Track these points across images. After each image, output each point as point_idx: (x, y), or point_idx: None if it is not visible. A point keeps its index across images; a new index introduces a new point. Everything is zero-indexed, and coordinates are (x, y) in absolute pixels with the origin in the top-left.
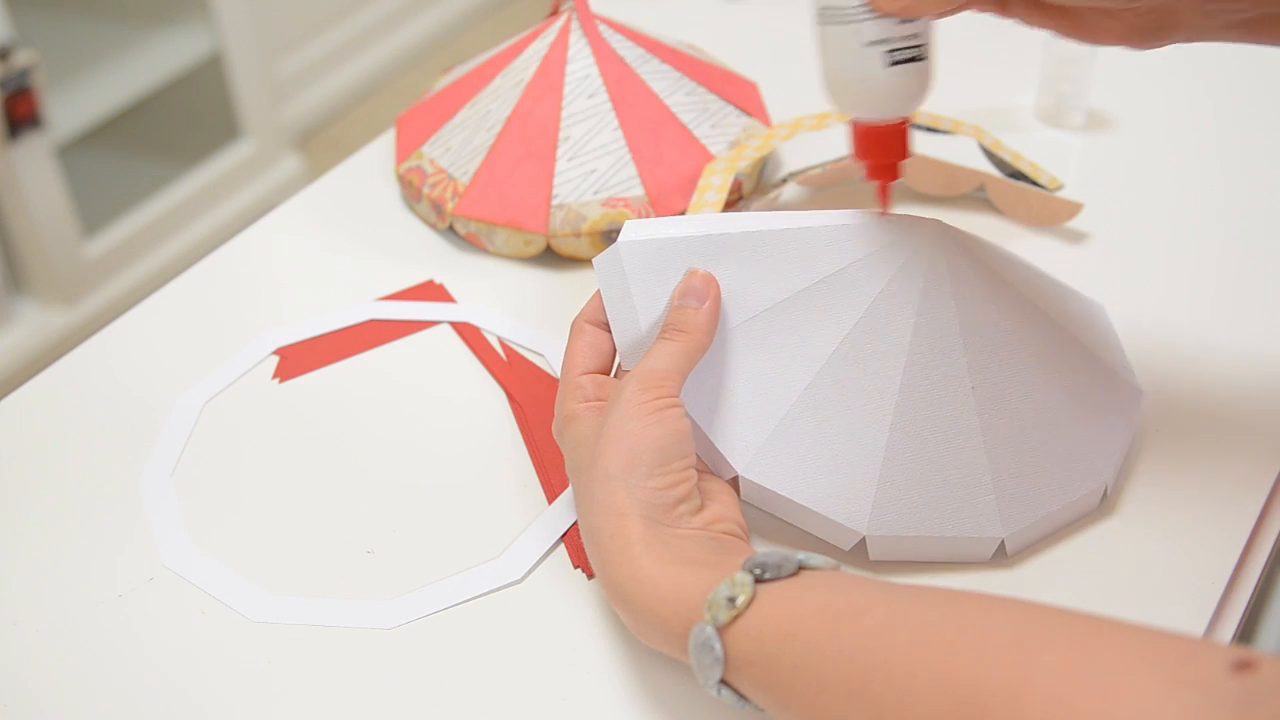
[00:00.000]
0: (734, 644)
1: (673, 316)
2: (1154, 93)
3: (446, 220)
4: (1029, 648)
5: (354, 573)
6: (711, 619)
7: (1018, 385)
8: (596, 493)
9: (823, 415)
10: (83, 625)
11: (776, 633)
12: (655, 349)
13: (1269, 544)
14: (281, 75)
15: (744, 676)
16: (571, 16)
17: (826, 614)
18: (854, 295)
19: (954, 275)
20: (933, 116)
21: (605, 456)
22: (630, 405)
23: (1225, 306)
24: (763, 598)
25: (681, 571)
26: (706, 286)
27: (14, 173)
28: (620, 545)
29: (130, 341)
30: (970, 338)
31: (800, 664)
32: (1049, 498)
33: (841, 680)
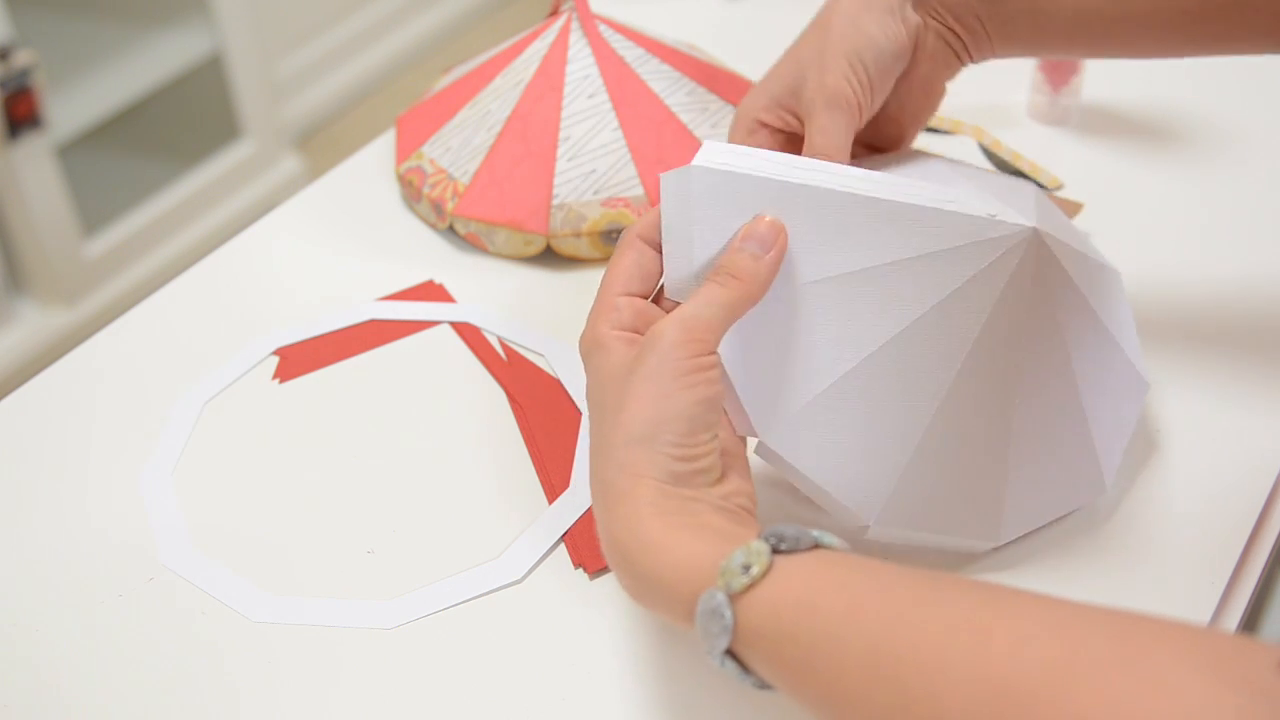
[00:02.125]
0: (745, 613)
1: (729, 259)
2: (1146, 90)
3: (446, 220)
4: (1071, 640)
5: (354, 573)
6: (724, 585)
7: (1055, 393)
8: (615, 448)
9: (861, 402)
10: (83, 625)
11: (794, 606)
12: (703, 292)
13: (1269, 543)
14: (281, 75)
15: (754, 649)
16: (571, 16)
17: (848, 591)
18: (926, 287)
19: (1034, 287)
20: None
21: (631, 412)
22: (667, 358)
23: (1225, 306)
24: (779, 569)
25: (694, 538)
26: (775, 235)
27: (14, 173)
28: (630, 507)
29: (130, 341)
30: (1030, 348)
31: (818, 642)
32: (1054, 506)
33: (865, 663)
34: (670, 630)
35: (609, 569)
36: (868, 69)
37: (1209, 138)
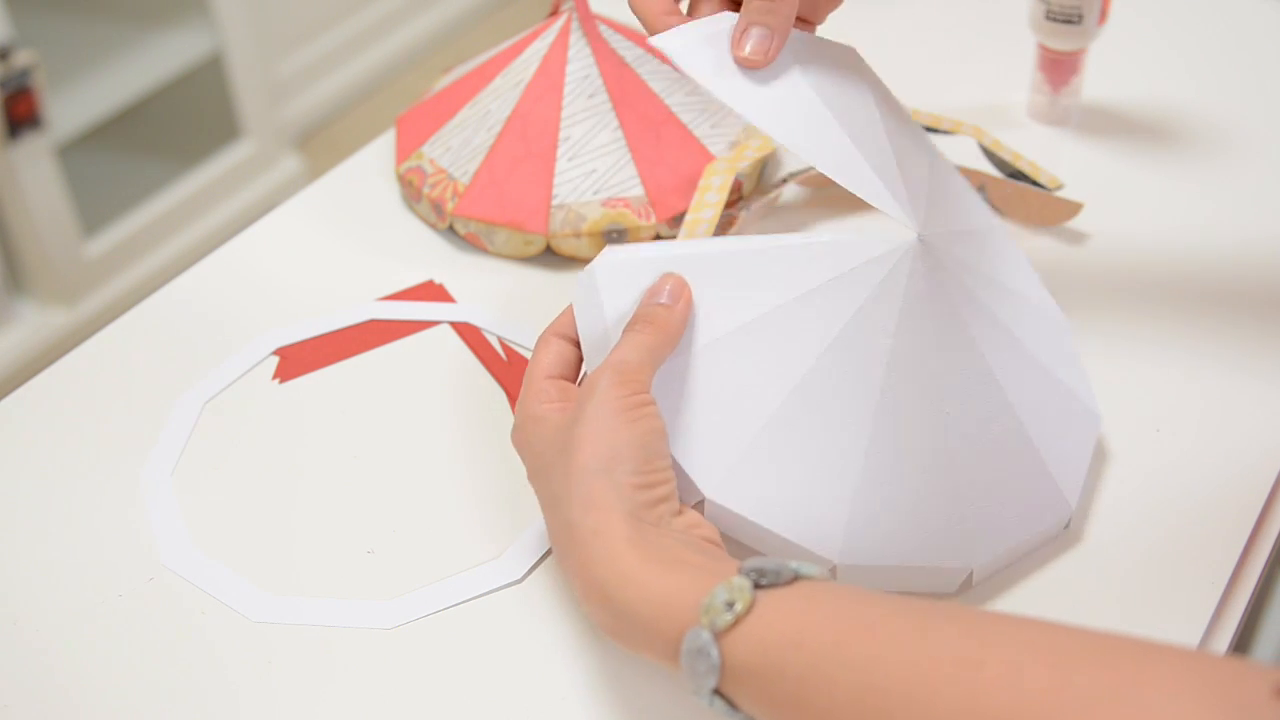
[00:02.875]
0: (731, 651)
1: (642, 310)
2: (1146, 90)
3: (446, 220)
4: (1063, 670)
5: (354, 573)
6: (709, 624)
7: (990, 411)
8: (574, 488)
9: (796, 438)
10: (83, 625)
11: (780, 642)
12: (625, 340)
13: (1269, 544)
14: (281, 75)
15: (742, 687)
16: (571, 16)
17: (835, 625)
18: (829, 314)
19: (932, 295)
20: (933, 116)
21: (584, 452)
22: (606, 400)
23: (1225, 306)
24: (762, 604)
25: (670, 572)
26: (679, 289)
27: (14, 173)
28: (605, 542)
29: (130, 341)
30: (947, 362)
31: (807, 678)
32: (1017, 526)
33: (854, 698)
34: None
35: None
36: None
37: (1209, 138)
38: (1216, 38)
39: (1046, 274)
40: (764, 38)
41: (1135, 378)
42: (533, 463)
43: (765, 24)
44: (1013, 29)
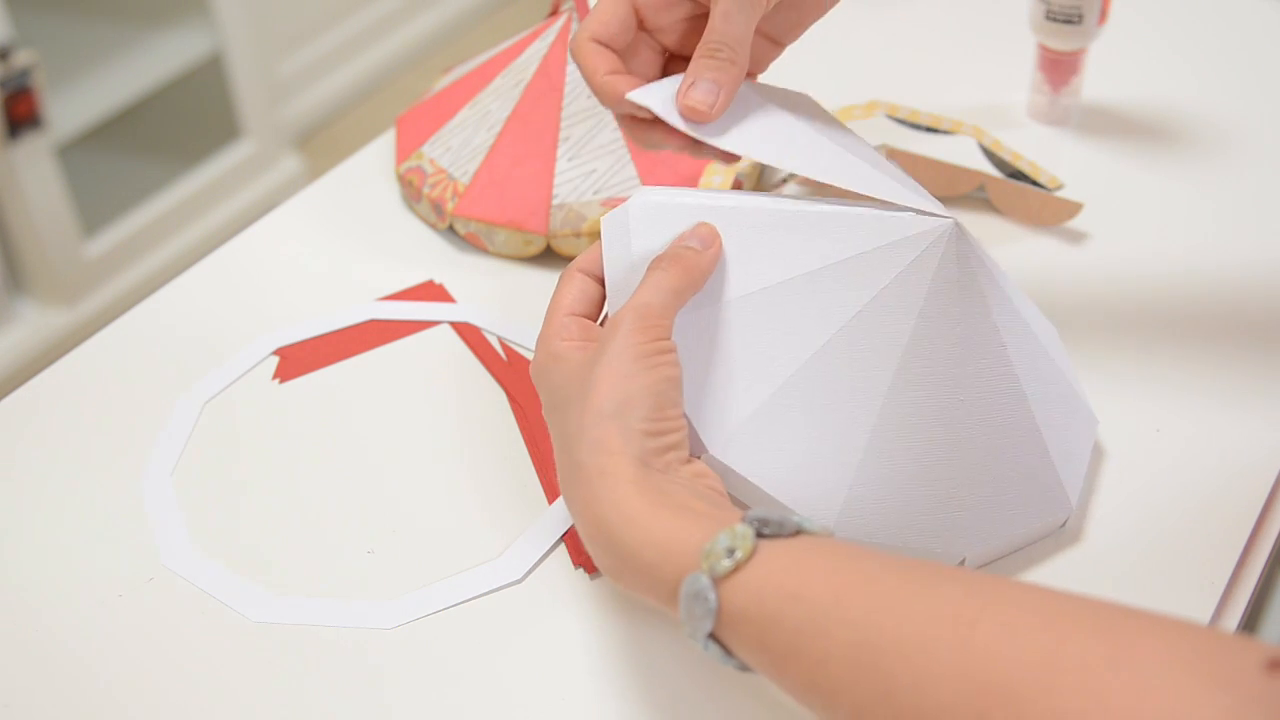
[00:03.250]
0: (730, 597)
1: (671, 250)
2: (1146, 90)
3: (446, 220)
4: (1059, 633)
5: (354, 573)
6: (709, 569)
7: (1004, 402)
8: (587, 429)
9: (805, 406)
10: (83, 625)
11: (779, 591)
12: (649, 280)
13: (1269, 543)
14: (281, 75)
15: (738, 634)
16: (571, 16)
17: (833, 579)
18: (855, 287)
19: (961, 281)
20: (933, 116)
21: (599, 394)
22: (626, 345)
23: (1225, 306)
24: (763, 553)
25: (675, 517)
26: (711, 237)
27: (14, 173)
28: (610, 483)
29: (130, 341)
30: (967, 349)
31: (804, 628)
32: (1015, 519)
33: (849, 652)
34: (670, 630)
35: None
36: None
37: (1209, 138)
38: (1216, 38)
39: (1046, 274)
40: (710, 90)
41: (1135, 378)
42: (549, 398)
43: (713, 79)
44: (1013, 29)
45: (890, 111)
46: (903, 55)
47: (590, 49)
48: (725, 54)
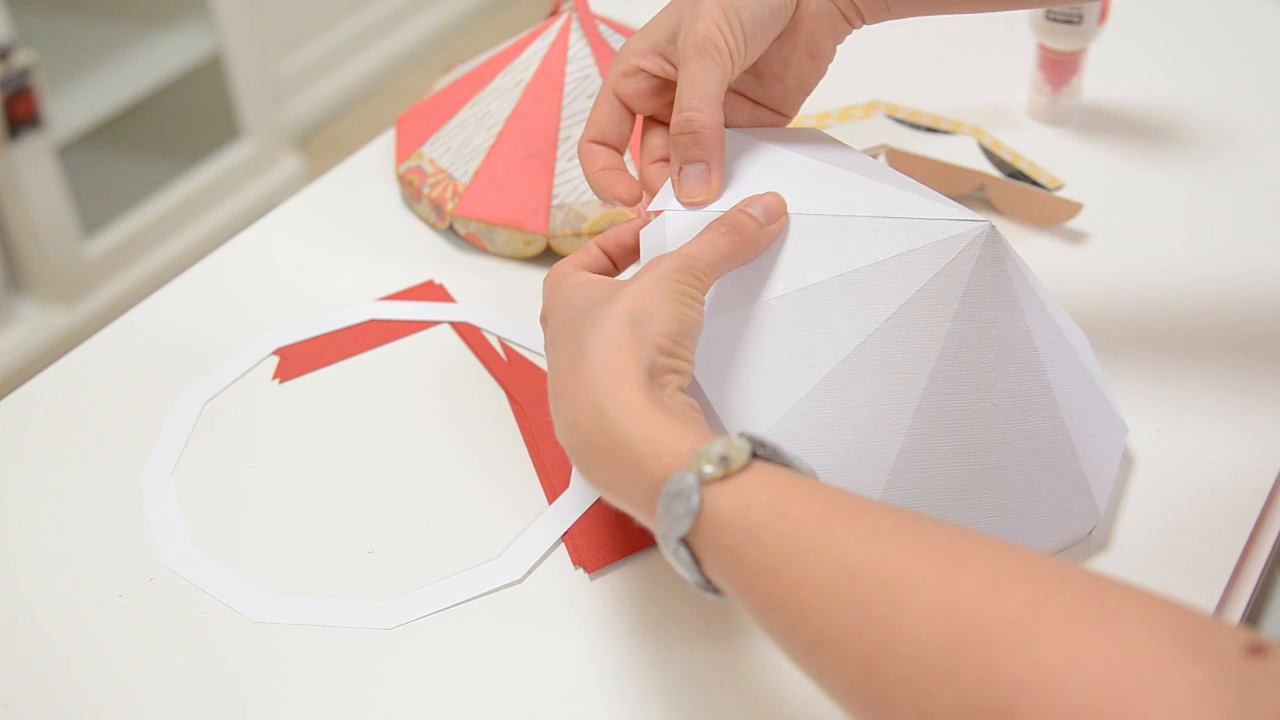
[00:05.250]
0: (714, 503)
1: (735, 215)
2: (1146, 90)
3: (446, 220)
4: (1043, 587)
5: (354, 573)
6: (697, 470)
7: (1036, 409)
8: (602, 324)
9: (838, 409)
10: (83, 625)
11: (765, 506)
12: (704, 237)
13: (1269, 543)
14: (281, 75)
15: (714, 543)
16: (571, 16)
17: (820, 505)
18: (893, 290)
19: (996, 284)
20: (933, 116)
21: (623, 301)
22: (663, 275)
23: (1225, 306)
24: (755, 469)
25: (670, 418)
26: (780, 209)
27: (14, 173)
28: (612, 372)
29: (130, 341)
30: (1001, 353)
31: (783, 548)
32: (1044, 527)
33: (828, 579)
34: (670, 631)
35: (584, 477)
36: (741, 20)
37: (1209, 138)
38: (1216, 38)
39: (1046, 274)
40: (700, 174)
41: (1135, 378)
42: (560, 311)
43: (696, 158)
44: (1013, 29)
45: (890, 111)
46: (903, 55)
47: (587, 149)
48: (695, 121)
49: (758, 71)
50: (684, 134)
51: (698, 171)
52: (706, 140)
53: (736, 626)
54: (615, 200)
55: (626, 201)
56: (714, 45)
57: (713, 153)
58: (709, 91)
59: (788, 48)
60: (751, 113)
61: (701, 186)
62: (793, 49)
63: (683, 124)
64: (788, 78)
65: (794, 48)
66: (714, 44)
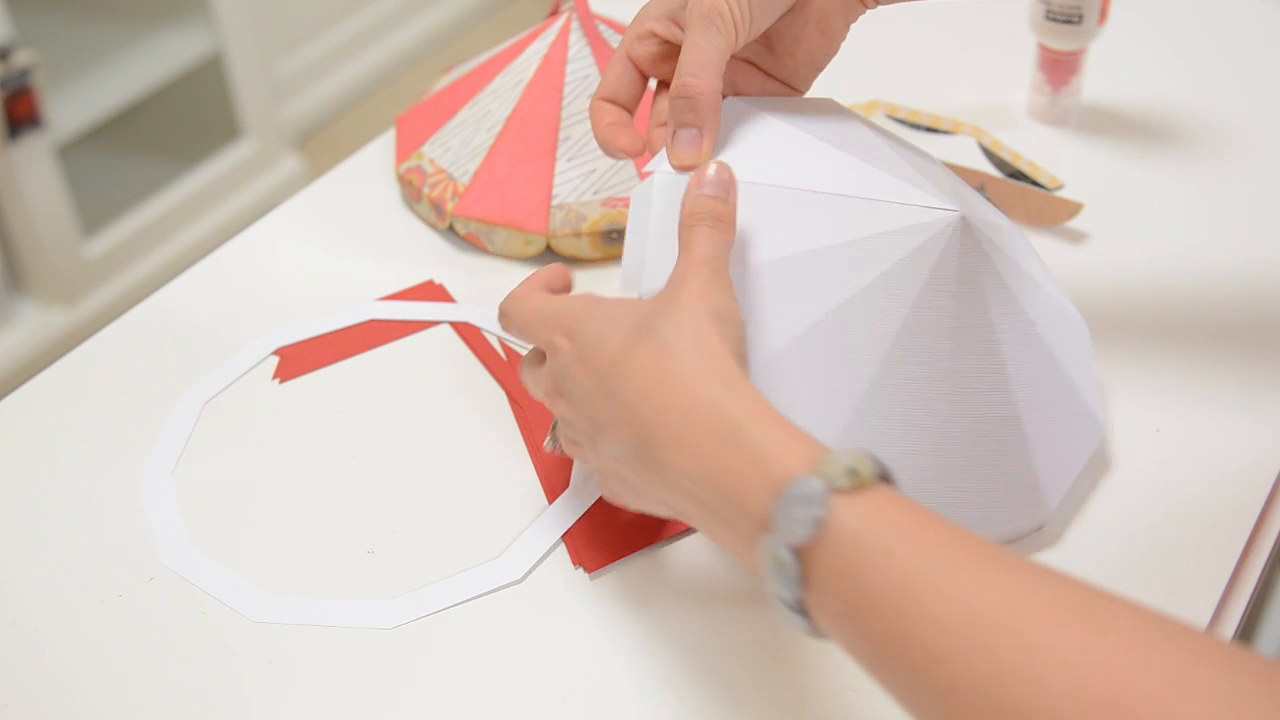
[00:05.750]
0: (840, 515)
1: (704, 203)
2: (1146, 90)
3: (446, 220)
4: (1186, 659)
5: (354, 573)
6: (826, 477)
7: (991, 402)
8: (684, 323)
9: (789, 382)
10: (83, 625)
11: (894, 529)
12: (700, 237)
13: (1269, 543)
14: (281, 75)
15: (833, 559)
16: (571, 16)
17: (953, 536)
18: (855, 271)
19: (961, 277)
20: (933, 116)
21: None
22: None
23: (1225, 306)
24: (882, 488)
25: (786, 422)
26: (729, 183)
27: (14, 173)
28: (719, 367)
29: (130, 341)
30: (959, 344)
31: (912, 578)
32: (989, 518)
33: (960, 619)
34: (670, 630)
35: (659, 462)
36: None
37: (1209, 138)
38: (1216, 38)
39: None
40: (692, 139)
41: (1135, 377)
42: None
43: (689, 123)
44: (1013, 29)
45: (890, 111)
46: (903, 55)
47: (597, 105)
48: (692, 87)
49: (770, 44)
50: (680, 98)
51: (690, 136)
52: (701, 106)
53: (736, 627)
54: (618, 152)
55: (628, 153)
56: (718, 14)
57: (706, 119)
58: (709, 59)
59: (799, 22)
60: (763, 84)
61: (692, 151)
62: (804, 24)
63: (679, 89)
64: (798, 52)
65: (805, 23)
66: (719, 12)
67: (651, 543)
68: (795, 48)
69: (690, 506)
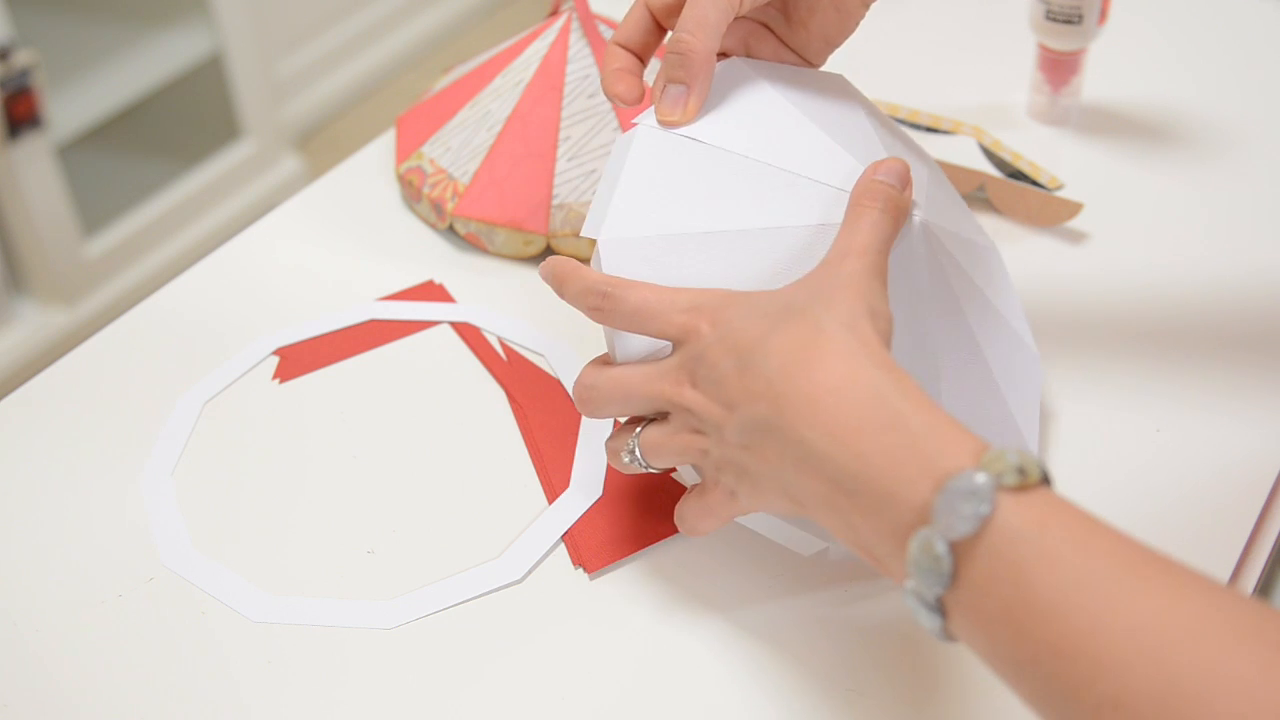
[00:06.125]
0: (1006, 513)
1: (883, 191)
2: (1146, 90)
3: (446, 220)
4: None
5: (354, 573)
6: (995, 473)
7: (975, 379)
8: (838, 307)
9: None
10: (83, 625)
11: (1064, 532)
12: (865, 222)
13: (1269, 543)
14: (281, 75)
15: (995, 559)
16: (571, 16)
17: (1124, 544)
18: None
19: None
20: (933, 116)
21: (852, 297)
22: (865, 282)
23: (1225, 306)
24: (1048, 490)
25: (949, 415)
26: (905, 172)
27: (14, 173)
28: (878, 356)
29: (130, 341)
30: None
31: (1083, 583)
32: None
33: (1132, 629)
34: (670, 630)
35: (819, 446)
36: None
37: (1209, 138)
38: (1216, 38)
39: (1046, 274)
40: (678, 96)
41: (1135, 377)
42: (739, 305)
43: (678, 79)
44: (1013, 29)
45: (890, 111)
46: (903, 55)
47: (610, 48)
48: (686, 43)
49: (786, 12)
50: (674, 54)
51: (677, 92)
52: (692, 64)
53: (737, 627)
54: (615, 97)
55: (624, 100)
56: None
57: (696, 77)
58: (707, 18)
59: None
60: (775, 51)
61: (677, 107)
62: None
63: (674, 44)
64: (812, 24)
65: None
66: None
67: (651, 543)
68: (809, 19)
69: (824, 491)
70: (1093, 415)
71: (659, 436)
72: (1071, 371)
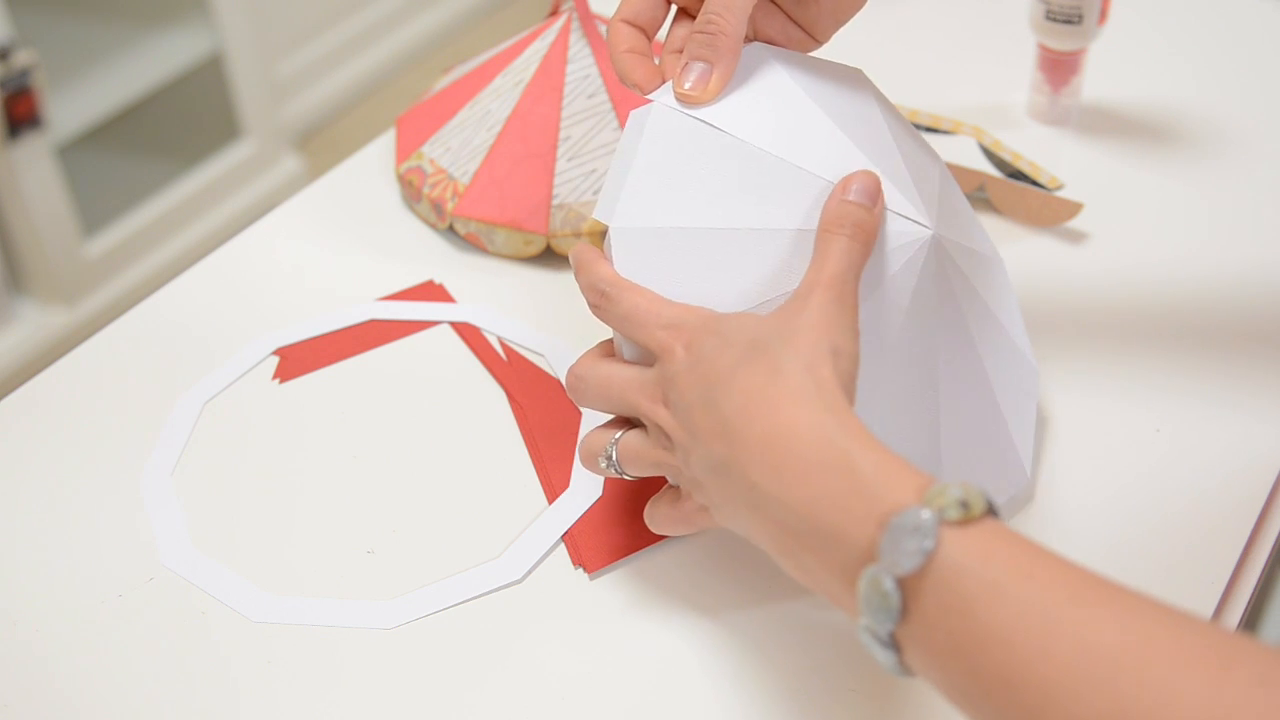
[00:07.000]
0: (950, 548)
1: (848, 211)
2: (1146, 90)
3: (446, 220)
4: None
5: (354, 573)
6: (937, 509)
7: (973, 389)
8: (801, 351)
9: None
10: (83, 625)
11: (1008, 563)
12: (834, 249)
13: (1269, 543)
14: (281, 75)
15: (942, 592)
16: (571, 16)
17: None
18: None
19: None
20: (933, 116)
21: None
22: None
23: (1225, 305)
24: (992, 522)
25: (894, 454)
26: (875, 190)
27: (14, 173)
28: (827, 395)
29: (130, 341)
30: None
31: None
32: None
33: (1078, 656)
34: (670, 630)
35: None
36: None
37: (1209, 138)
38: (1216, 38)
39: (1047, 274)
40: (703, 73)
41: (1135, 377)
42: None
43: (704, 58)
44: (1013, 29)
45: None
46: (903, 55)
47: (616, 26)
48: (715, 25)
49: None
50: (702, 34)
51: (702, 69)
52: (721, 46)
53: (737, 627)
54: (634, 85)
55: (643, 88)
56: None
57: (723, 59)
58: (737, 2)
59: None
60: (783, 26)
61: (701, 83)
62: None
63: (704, 24)
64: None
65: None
66: None
67: (652, 543)
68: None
69: (774, 532)
70: (1093, 415)
71: (638, 446)
72: (1071, 371)
